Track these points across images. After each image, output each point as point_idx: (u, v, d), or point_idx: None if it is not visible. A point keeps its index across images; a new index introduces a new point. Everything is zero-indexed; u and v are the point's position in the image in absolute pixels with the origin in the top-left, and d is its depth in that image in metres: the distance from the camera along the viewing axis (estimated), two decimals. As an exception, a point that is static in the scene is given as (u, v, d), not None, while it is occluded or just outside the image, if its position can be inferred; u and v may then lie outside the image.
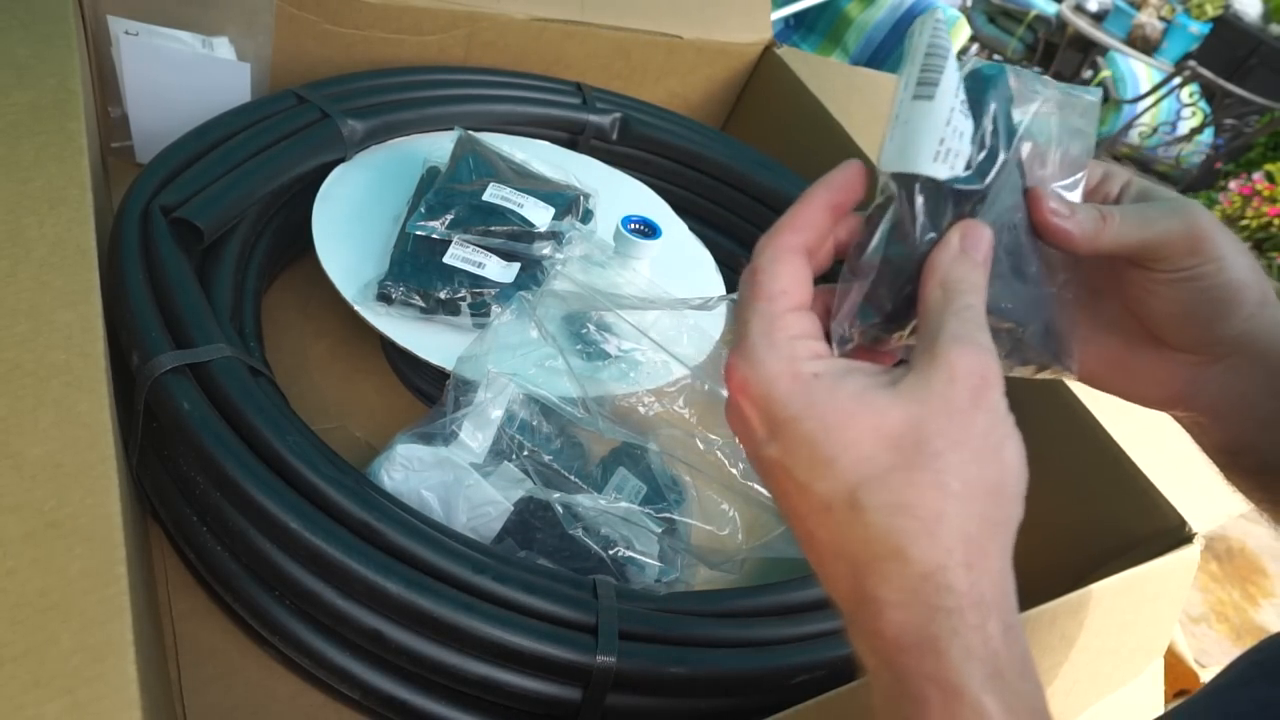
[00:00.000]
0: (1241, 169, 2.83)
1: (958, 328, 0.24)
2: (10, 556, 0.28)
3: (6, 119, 0.42)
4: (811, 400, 0.23)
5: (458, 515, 0.46)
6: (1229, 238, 0.29)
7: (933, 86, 0.24)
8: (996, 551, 0.23)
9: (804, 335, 0.25)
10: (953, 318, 0.24)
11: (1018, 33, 3.72)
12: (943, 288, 0.25)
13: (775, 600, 0.46)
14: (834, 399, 0.23)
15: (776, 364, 0.24)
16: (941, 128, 0.24)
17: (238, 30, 0.63)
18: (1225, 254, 0.29)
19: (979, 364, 0.23)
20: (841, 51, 1.79)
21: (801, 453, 0.23)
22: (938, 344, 0.24)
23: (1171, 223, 0.29)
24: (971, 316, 0.24)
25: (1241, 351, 0.30)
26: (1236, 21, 3.28)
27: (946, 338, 0.24)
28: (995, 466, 0.23)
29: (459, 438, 0.48)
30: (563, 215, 0.57)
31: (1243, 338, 0.30)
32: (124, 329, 0.42)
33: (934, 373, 0.23)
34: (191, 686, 0.41)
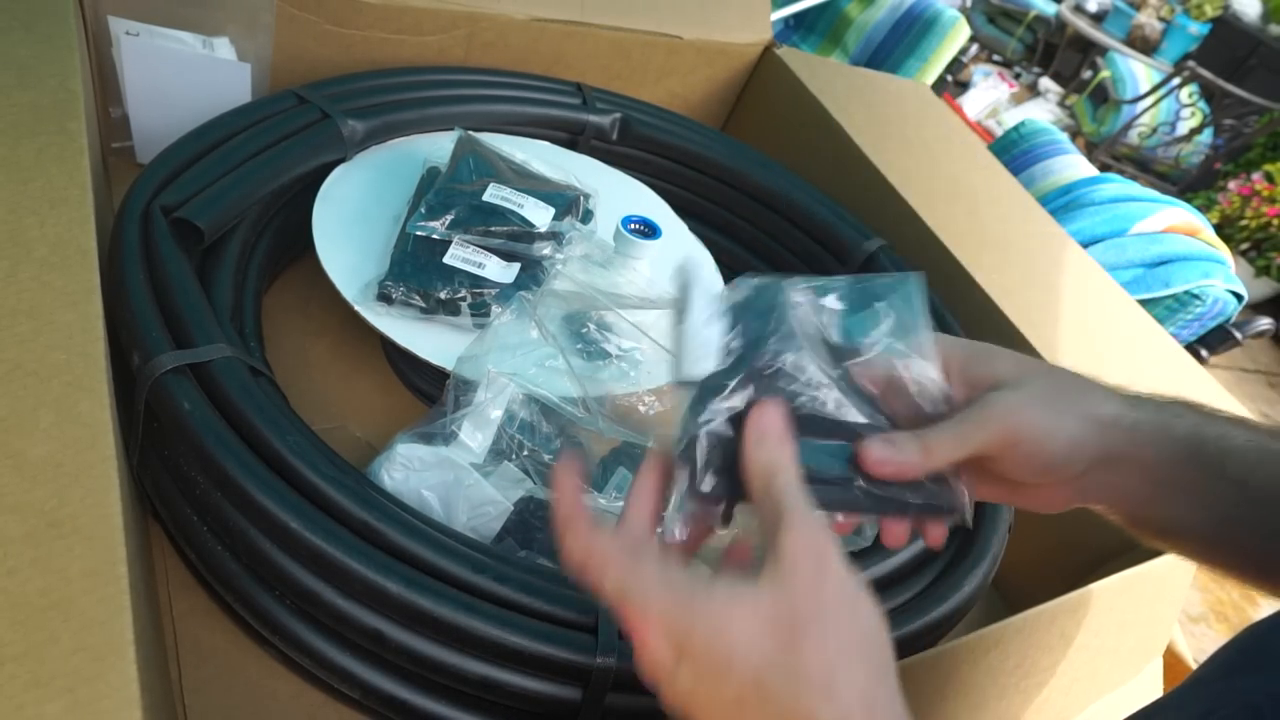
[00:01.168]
0: (1241, 169, 2.83)
1: (781, 512, 0.27)
2: (10, 556, 0.28)
3: (7, 119, 0.42)
4: (695, 612, 0.26)
5: (458, 515, 0.46)
6: (1044, 405, 0.33)
7: (683, 313, 0.31)
8: (886, 696, 0.26)
9: (663, 560, 0.27)
10: (773, 503, 0.27)
11: (1017, 33, 3.72)
12: (758, 478, 0.28)
13: (775, 600, 0.46)
14: (711, 606, 0.26)
15: (668, 592, 0.26)
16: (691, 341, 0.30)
17: (238, 30, 0.63)
18: (1042, 432, 0.32)
19: (808, 541, 0.26)
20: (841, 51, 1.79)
21: (704, 661, 0.26)
22: (774, 534, 0.27)
23: (985, 434, 0.32)
24: (788, 496, 0.28)
25: (1100, 465, 0.34)
26: (1236, 22, 3.28)
27: (776, 526, 0.27)
28: (857, 622, 0.26)
29: (459, 438, 0.48)
30: (563, 215, 0.57)
31: (1094, 461, 0.34)
32: (124, 329, 0.42)
33: (778, 560, 0.26)
34: (191, 686, 0.41)
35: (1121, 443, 0.34)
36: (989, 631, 0.46)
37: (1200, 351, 1.29)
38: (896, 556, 0.49)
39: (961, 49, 1.70)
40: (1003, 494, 0.36)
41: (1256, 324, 1.36)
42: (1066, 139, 1.44)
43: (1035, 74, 3.76)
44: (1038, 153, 1.40)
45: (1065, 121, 3.38)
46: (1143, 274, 1.19)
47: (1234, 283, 1.20)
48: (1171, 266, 1.19)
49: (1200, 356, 1.29)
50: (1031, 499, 0.36)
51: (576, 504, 0.29)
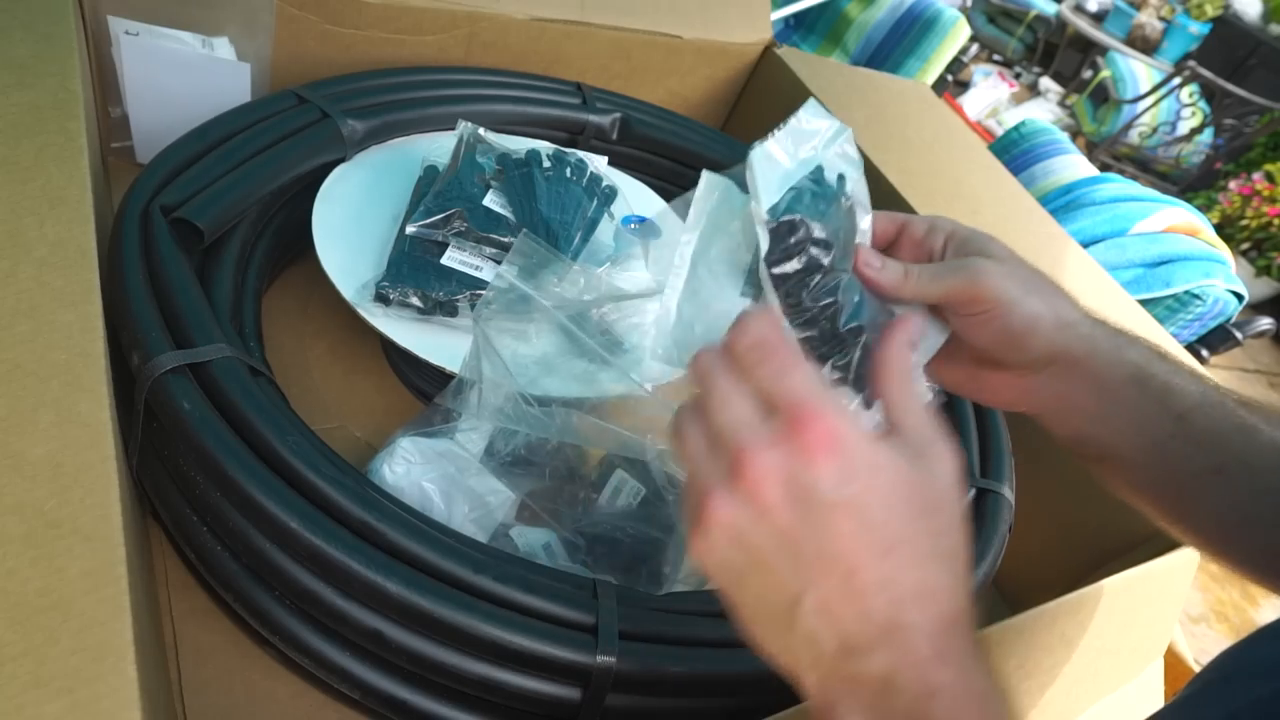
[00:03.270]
0: (1241, 169, 2.83)
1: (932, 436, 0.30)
2: (10, 556, 0.28)
3: (7, 119, 0.42)
4: (889, 459, 0.27)
5: (459, 507, 0.46)
6: (1017, 281, 0.36)
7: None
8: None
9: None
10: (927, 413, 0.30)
11: (1017, 33, 3.72)
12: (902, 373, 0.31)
13: (775, 600, 0.46)
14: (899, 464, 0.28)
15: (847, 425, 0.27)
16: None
17: (238, 30, 0.63)
18: (1009, 299, 0.35)
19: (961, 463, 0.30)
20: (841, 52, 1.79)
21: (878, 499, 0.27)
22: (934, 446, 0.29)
23: (957, 279, 0.35)
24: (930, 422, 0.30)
25: (1055, 363, 0.37)
26: (1236, 22, 3.28)
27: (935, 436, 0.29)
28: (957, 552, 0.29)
29: (456, 438, 0.48)
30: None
31: (1050, 355, 0.37)
32: (124, 329, 0.42)
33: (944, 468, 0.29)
34: (191, 686, 0.41)
35: (1076, 346, 0.36)
36: (989, 631, 0.46)
37: (1201, 351, 1.29)
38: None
39: (962, 49, 1.70)
40: (961, 377, 0.40)
41: (1257, 324, 1.36)
42: (1067, 139, 1.43)
43: (1035, 74, 3.76)
44: (1038, 153, 1.40)
45: (1065, 121, 3.38)
46: (1143, 274, 1.19)
47: (1234, 283, 1.20)
48: (1172, 266, 1.19)
49: (1201, 356, 1.29)
50: (984, 386, 0.39)
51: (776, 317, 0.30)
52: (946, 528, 0.28)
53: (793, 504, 0.26)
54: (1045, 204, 1.28)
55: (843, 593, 0.26)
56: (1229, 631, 1.73)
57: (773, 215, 0.33)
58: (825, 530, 0.26)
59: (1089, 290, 0.77)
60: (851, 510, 0.26)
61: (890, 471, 0.27)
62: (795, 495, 0.26)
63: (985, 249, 0.37)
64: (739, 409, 0.28)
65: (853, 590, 0.26)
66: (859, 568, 0.26)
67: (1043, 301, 0.36)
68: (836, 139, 0.37)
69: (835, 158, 0.37)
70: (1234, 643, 0.34)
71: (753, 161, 0.34)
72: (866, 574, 0.26)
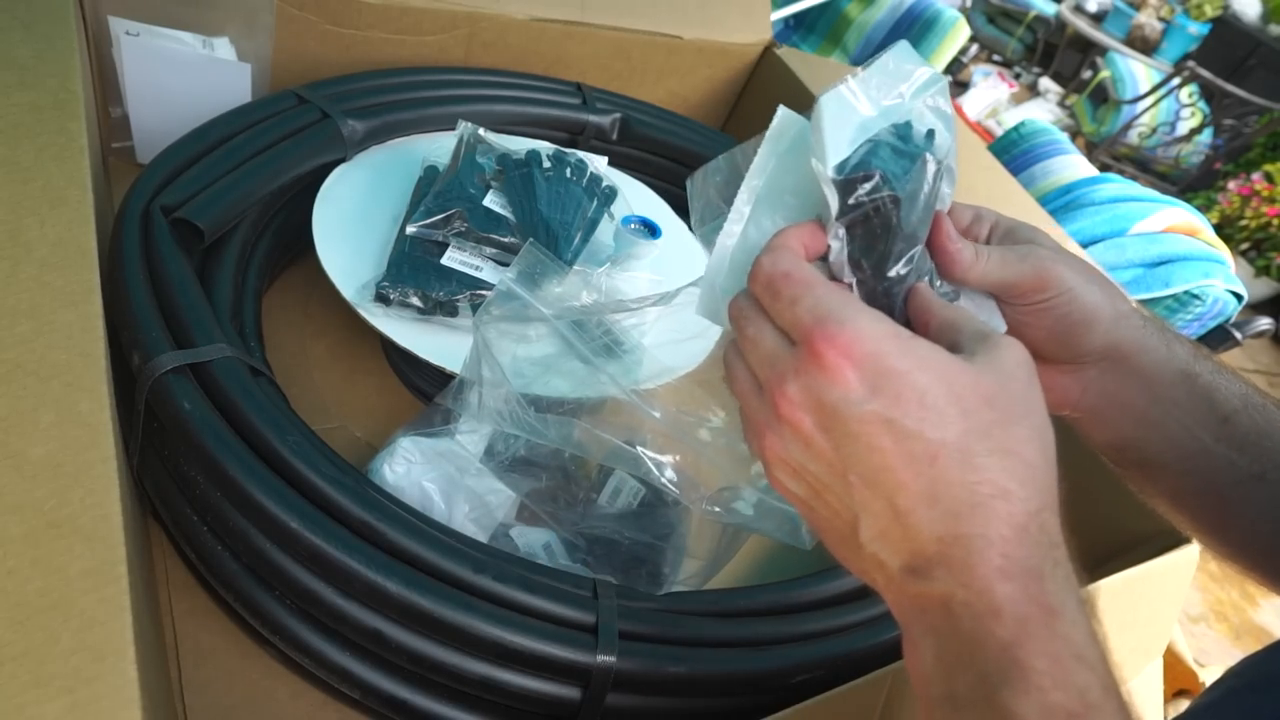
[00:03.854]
0: (1240, 169, 2.83)
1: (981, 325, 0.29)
2: (10, 556, 0.28)
3: (7, 119, 0.42)
4: (921, 356, 0.26)
5: (459, 507, 0.46)
6: (1076, 271, 0.35)
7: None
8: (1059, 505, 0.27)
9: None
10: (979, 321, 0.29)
11: (1017, 33, 3.72)
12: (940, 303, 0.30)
13: (775, 600, 0.46)
14: (937, 357, 0.26)
15: (879, 325, 0.26)
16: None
17: (238, 31, 0.63)
18: (1072, 286, 0.34)
19: (1025, 355, 0.28)
20: (841, 52, 1.79)
21: (912, 404, 0.25)
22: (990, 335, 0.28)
23: (1023, 266, 0.34)
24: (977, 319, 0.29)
25: (1107, 359, 0.36)
26: (1235, 22, 3.28)
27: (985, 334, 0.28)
28: (1051, 434, 0.27)
29: (456, 438, 0.48)
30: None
31: (1105, 349, 0.35)
32: (125, 329, 0.42)
33: (1001, 354, 0.27)
34: (191, 686, 0.41)
35: (1129, 340, 0.35)
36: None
37: (1200, 351, 1.29)
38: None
39: (961, 49, 1.70)
40: None
41: (1256, 324, 1.36)
42: (1066, 139, 1.43)
43: (1035, 74, 3.76)
44: (1038, 153, 1.40)
45: (1065, 121, 3.38)
46: (1143, 274, 1.19)
47: (1234, 283, 1.20)
48: (1171, 266, 1.19)
49: (1200, 356, 1.28)
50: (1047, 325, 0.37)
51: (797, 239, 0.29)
52: (1005, 419, 0.26)
53: (827, 429, 0.26)
54: (1045, 204, 1.29)
55: (893, 513, 0.25)
56: (1228, 631, 1.73)
57: (840, 172, 0.29)
58: (864, 448, 0.25)
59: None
60: (884, 421, 0.25)
61: (927, 370, 0.25)
62: (826, 419, 0.26)
63: (1034, 238, 0.36)
64: (766, 346, 0.28)
65: (901, 509, 0.25)
66: (903, 484, 0.25)
67: (1101, 293, 0.35)
68: (929, 88, 0.32)
69: (925, 109, 0.33)
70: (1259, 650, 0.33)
71: (822, 107, 0.30)
72: (912, 488, 0.25)
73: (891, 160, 0.30)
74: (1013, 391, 0.26)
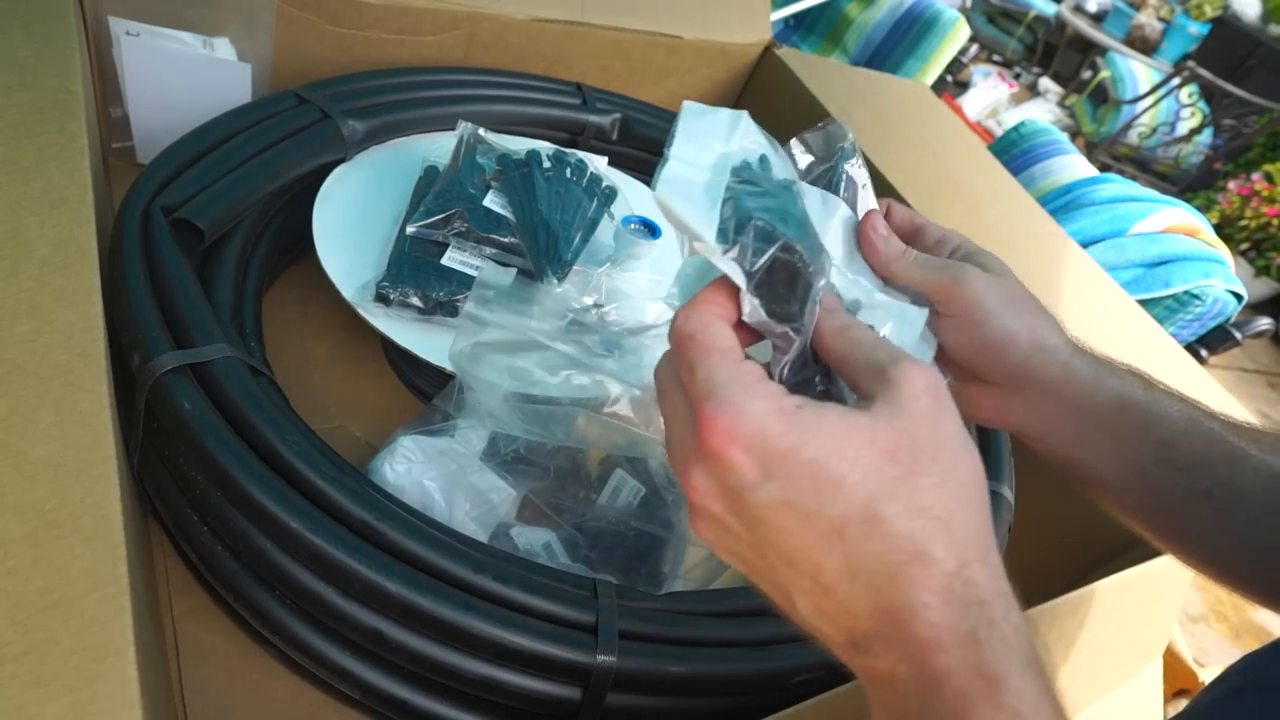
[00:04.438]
0: (1240, 169, 2.84)
1: (883, 354, 0.26)
2: (10, 556, 0.28)
3: (7, 119, 0.42)
4: (806, 429, 0.24)
5: (460, 505, 0.46)
6: (1000, 297, 0.35)
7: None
8: (994, 544, 0.25)
9: (765, 378, 0.26)
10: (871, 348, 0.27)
11: (1017, 33, 3.72)
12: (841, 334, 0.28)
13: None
14: (825, 425, 0.24)
15: (762, 403, 0.24)
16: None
17: (238, 31, 0.63)
18: (988, 309, 0.35)
19: (927, 377, 0.26)
20: (841, 52, 1.79)
21: (805, 481, 0.24)
22: (886, 369, 0.26)
23: (942, 275, 0.35)
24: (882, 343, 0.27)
25: (1031, 387, 0.36)
26: (1235, 22, 3.28)
27: (890, 362, 0.26)
28: (971, 463, 0.25)
29: (456, 436, 0.48)
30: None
31: (1022, 378, 0.36)
32: (125, 329, 0.42)
33: (898, 392, 0.25)
34: (191, 686, 0.41)
35: (1051, 372, 0.36)
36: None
37: (1200, 351, 1.29)
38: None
39: (961, 49, 1.70)
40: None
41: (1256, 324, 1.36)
42: (1066, 139, 1.44)
43: (1035, 74, 3.76)
44: (1038, 153, 1.40)
45: (1065, 121, 3.38)
46: (1143, 274, 1.19)
47: (1234, 283, 1.20)
48: (1171, 266, 1.19)
49: (1200, 356, 1.29)
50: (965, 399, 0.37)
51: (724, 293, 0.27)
52: (910, 471, 0.24)
53: (736, 514, 0.25)
54: (1045, 204, 1.29)
55: (820, 591, 0.24)
56: (1228, 631, 1.73)
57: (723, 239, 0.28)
58: (773, 530, 0.24)
59: (1089, 290, 0.77)
60: (784, 503, 0.24)
61: (814, 443, 0.24)
62: (733, 504, 0.25)
63: (983, 262, 0.36)
64: (676, 425, 0.27)
65: (826, 586, 0.24)
66: (819, 562, 0.24)
67: (1020, 320, 0.35)
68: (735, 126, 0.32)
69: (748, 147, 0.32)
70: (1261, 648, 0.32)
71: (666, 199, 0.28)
72: (829, 565, 0.24)
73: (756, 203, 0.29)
74: (915, 434, 0.24)
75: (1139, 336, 0.75)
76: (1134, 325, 0.76)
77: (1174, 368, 0.73)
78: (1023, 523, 0.57)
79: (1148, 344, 0.75)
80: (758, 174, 0.31)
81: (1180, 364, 0.74)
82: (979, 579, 0.23)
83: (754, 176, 0.31)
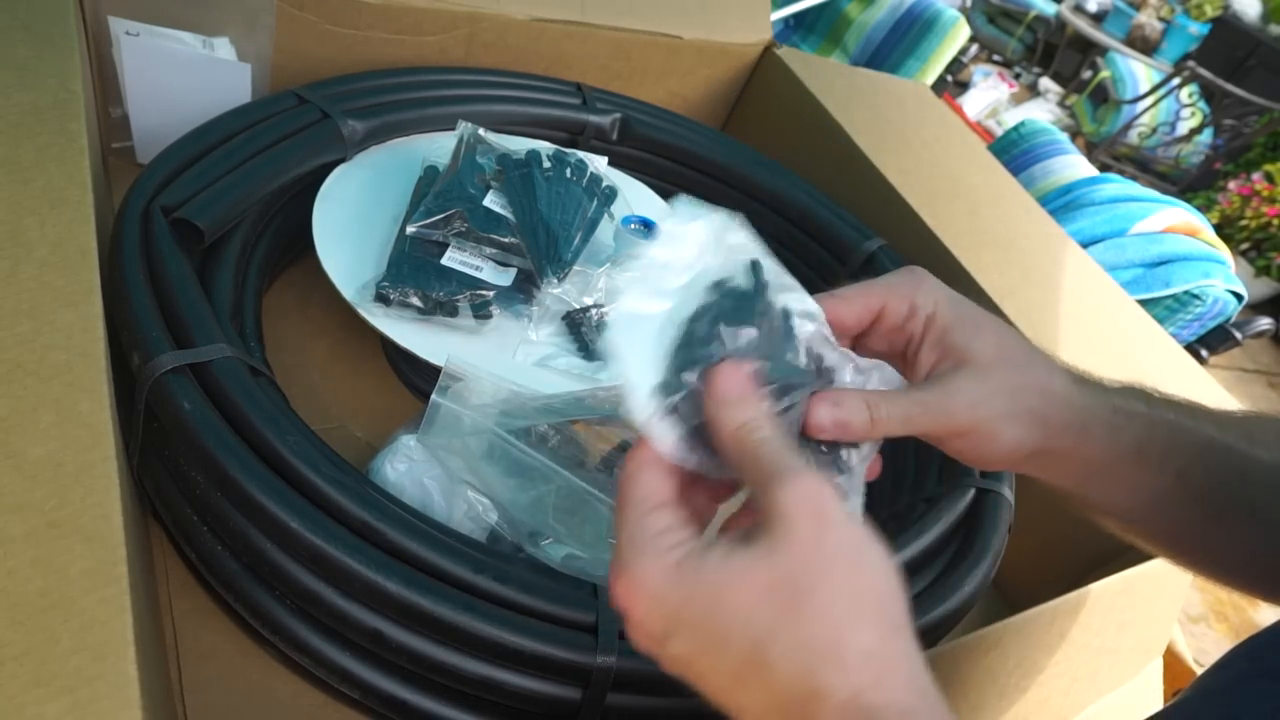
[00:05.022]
0: (1240, 169, 2.84)
1: (767, 467, 0.26)
2: (10, 556, 0.28)
3: (7, 119, 0.42)
4: (688, 584, 0.25)
5: (459, 504, 0.46)
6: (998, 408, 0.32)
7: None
8: (900, 655, 0.24)
9: (666, 529, 0.26)
10: (756, 463, 0.26)
11: (1017, 33, 3.73)
12: (732, 442, 0.27)
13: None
14: (703, 576, 0.25)
15: (649, 564, 0.25)
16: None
17: (238, 31, 0.63)
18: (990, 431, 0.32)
19: (803, 494, 0.25)
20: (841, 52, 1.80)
21: (699, 637, 0.25)
22: (764, 492, 0.26)
23: (936, 423, 0.32)
24: (769, 450, 0.26)
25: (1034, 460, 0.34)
26: (1235, 22, 3.28)
27: (767, 485, 0.26)
28: (865, 575, 0.25)
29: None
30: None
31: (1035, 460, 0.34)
32: (125, 329, 0.42)
33: (775, 520, 0.25)
34: (191, 686, 0.41)
35: (1067, 443, 0.34)
36: (989, 631, 0.46)
37: (1200, 351, 1.29)
38: (896, 557, 0.49)
39: (961, 49, 1.70)
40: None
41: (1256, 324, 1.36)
42: (1066, 139, 1.44)
43: (1035, 74, 3.76)
44: (1038, 153, 1.40)
45: (1065, 121, 3.38)
46: (1143, 274, 1.19)
47: (1234, 283, 1.20)
48: (1171, 266, 1.19)
49: (1200, 356, 1.29)
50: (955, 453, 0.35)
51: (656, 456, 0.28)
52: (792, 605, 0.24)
53: (660, 654, 0.26)
54: (1045, 204, 1.29)
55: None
56: (1228, 631, 1.73)
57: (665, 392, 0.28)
58: (691, 676, 0.26)
59: (1089, 290, 0.77)
60: (689, 655, 0.25)
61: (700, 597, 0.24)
62: (656, 651, 0.26)
63: (970, 352, 0.33)
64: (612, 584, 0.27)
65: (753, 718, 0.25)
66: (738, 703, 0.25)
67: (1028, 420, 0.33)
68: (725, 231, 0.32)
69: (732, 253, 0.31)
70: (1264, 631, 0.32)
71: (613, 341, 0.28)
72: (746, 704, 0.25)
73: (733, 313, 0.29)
74: (795, 563, 0.24)
75: (1139, 337, 0.75)
76: (1134, 325, 0.76)
77: (1174, 368, 0.73)
78: (1023, 523, 0.57)
79: (1148, 344, 0.75)
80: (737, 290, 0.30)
81: (1180, 364, 0.74)
82: (876, 702, 0.23)
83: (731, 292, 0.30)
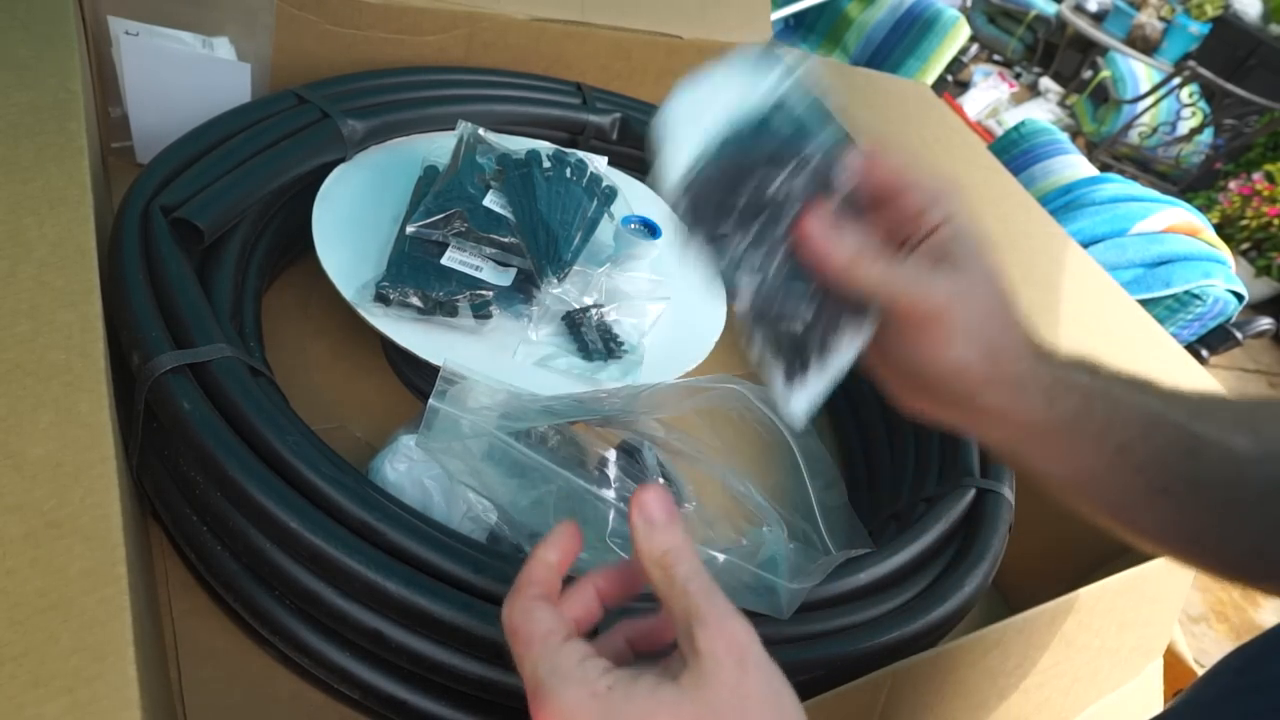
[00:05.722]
0: (1241, 169, 2.83)
1: (692, 609, 0.26)
2: (10, 556, 0.28)
3: (7, 119, 0.42)
4: (615, 712, 0.25)
5: (459, 505, 0.46)
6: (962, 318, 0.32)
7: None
8: None
9: (587, 657, 0.27)
10: (681, 597, 0.27)
11: (1017, 33, 3.72)
12: (656, 569, 0.27)
13: (775, 600, 0.46)
14: (634, 705, 0.25)
15: (574, 692, 0.26)
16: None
17: (238, 30, 0.63)
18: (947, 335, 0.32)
19: (727, 638, 0.26)
20: (841, 51, 1.80)
21: None
22: (688, 630, 0.26)
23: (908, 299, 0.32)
24: (696, 587, 0.27)
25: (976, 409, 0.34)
26: (1236, 22, 3.28)
27: (690, 622, 0.26)
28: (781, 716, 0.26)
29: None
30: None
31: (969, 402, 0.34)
32: (124, 329, 0.42)
33: (698, 660, 0.26)
34: (191, 686, 0.41)
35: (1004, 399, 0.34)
36: (989, 631, 0.46)
37: (1201, 351, 1.29)
38: (896, 557, 0.49)
39: (961, 49, 1.70)
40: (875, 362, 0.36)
41: (1257, 324, 1.36)
42: (1067, 139, 1.44)
43: (1035, 74, 3.76)
44: (1038, 153, 1.40)
45: (1065, 121, 3.38)
46: (1143, 274, 1.19)
47: (1234, 283, 1.20)
48: (1172, 266, 1.19)
49: (1200, 356, 1.29)
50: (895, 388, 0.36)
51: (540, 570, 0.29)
52: None
53: None
54: (1045, 204, 1.29)
55: None
56: (1229, 631, 1.73)
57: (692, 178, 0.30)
58: None
59: (1089, 290, 0.77)
60: None
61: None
62: None
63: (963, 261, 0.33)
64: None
65: None
66: None
67: (978, 347, 0.32)
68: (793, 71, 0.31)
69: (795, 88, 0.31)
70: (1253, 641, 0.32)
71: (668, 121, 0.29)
72: None
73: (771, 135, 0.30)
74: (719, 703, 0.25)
75: (1139, 336, 0.75)
76: (1134, 325, 0.76)
77: (1174, 368, 0.73)
78: (1023, 523, 0.57)
79: (1148, 344, 0.75)
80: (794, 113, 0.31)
81: (1180, 364, 0.74)
82: None
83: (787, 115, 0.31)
